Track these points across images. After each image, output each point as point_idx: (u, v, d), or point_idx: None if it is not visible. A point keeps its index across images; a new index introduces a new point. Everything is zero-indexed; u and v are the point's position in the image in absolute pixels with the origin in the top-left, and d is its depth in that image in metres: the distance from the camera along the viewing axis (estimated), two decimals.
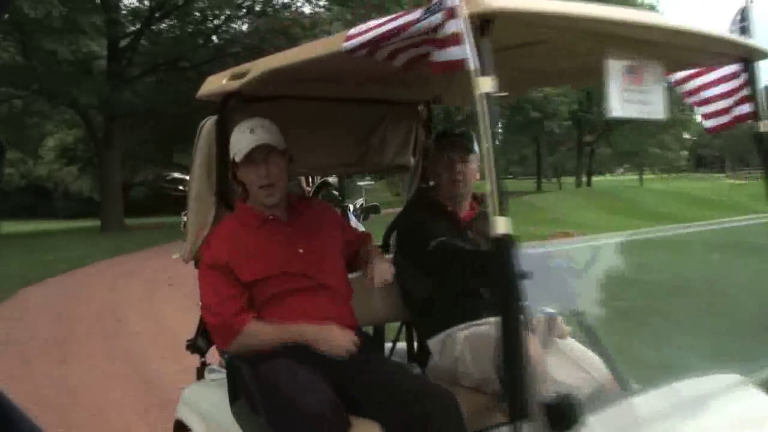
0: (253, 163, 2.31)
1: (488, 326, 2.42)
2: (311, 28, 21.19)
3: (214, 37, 24.82)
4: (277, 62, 2.16)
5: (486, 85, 1.40)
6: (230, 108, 2.50)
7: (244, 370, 2.21)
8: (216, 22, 24.52)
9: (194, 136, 2.61)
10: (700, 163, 71.04)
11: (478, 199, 2.75)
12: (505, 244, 1.40)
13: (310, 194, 4.76)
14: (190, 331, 2.81)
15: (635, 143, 41.64)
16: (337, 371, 2.17)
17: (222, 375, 2.57)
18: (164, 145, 29.45)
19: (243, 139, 2.31)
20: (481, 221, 2.68)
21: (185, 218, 2.80)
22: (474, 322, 2.48)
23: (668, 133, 41.06)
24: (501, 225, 1.41)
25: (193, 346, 2.78)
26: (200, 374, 2.85)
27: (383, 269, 2.34)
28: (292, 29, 21.19)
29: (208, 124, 2.57)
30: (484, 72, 1.39)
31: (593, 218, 18.84)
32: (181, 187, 4.58)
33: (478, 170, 2.67)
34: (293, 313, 2.26)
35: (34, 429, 0.94)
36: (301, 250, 2.36)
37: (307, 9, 23.79)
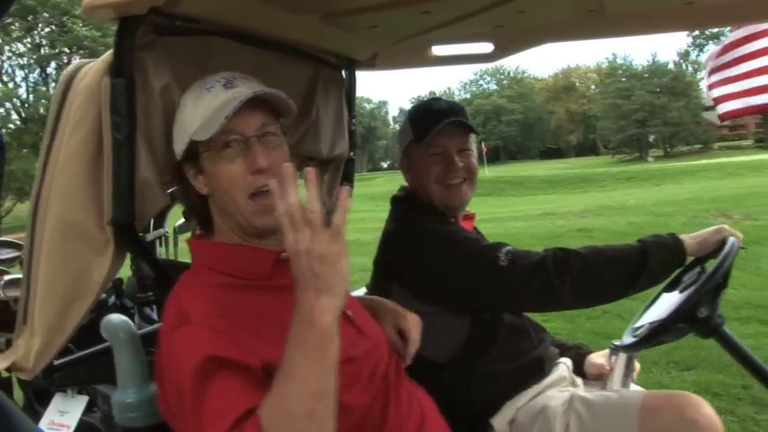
0: (238, 143, 1.22)
1: (587, 387, 1.82)
2: None
3: None
4: None
5: None
6: (140, 40, 1.34)
7: None
8: None
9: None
10: None
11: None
12: None
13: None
14: None
15: None
16: None
17: None
18: None
19: (209, 100, 1.23)
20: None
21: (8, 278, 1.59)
22: (547, 382, 1.77)
23: None
24: None
25: None
26: None
27: (416, 323, 1.49)
28: None
29: (89, 72, 1.33)
30: None
31: None
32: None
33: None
34: None
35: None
36: (349, 312, 1.32)
37: None
